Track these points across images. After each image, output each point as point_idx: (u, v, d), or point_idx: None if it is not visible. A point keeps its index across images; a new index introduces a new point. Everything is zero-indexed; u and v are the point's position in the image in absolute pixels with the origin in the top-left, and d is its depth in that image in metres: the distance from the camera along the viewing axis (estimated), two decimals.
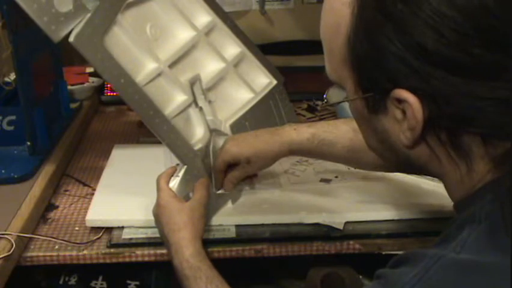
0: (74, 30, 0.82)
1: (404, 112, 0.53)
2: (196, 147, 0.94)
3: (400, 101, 0.52)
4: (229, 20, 1.06)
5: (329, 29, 0.57)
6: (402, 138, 0.55)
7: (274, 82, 1.12)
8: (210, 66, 1.02)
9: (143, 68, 0.92)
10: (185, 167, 0.91)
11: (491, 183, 0.53)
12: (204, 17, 1.02)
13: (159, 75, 0.93)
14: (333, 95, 0.63)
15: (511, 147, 0.51)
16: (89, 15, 0.83)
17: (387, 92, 0.53)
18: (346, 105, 1.45)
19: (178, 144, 0.91)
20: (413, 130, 0.53)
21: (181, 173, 0.90)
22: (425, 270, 0.49)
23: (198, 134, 0.96)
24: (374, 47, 0.52)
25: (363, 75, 0.55)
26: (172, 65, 0.95)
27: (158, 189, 0.88)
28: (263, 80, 1.11)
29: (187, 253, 0.81)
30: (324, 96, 0.66)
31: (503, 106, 0.50)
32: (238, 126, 1.03)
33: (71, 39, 0.81)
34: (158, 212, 0.86)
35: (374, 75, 0.53)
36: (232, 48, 1.06)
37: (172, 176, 0.90)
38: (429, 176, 0.61)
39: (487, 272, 0.48)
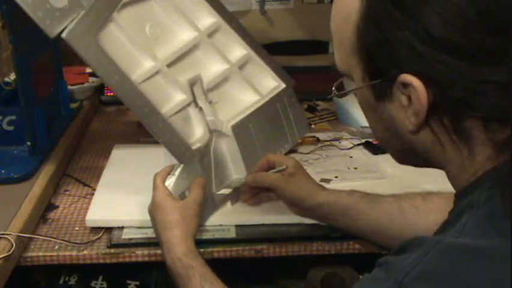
0: (67, 26, 0.83)
1: (409, 98, 0.55)
2: (194, 147, 0.94)
3: (406, 86, 0.54)
4: (235, 22, 1.06)
5: (339, 20, 0.60)
6: (407, 124, 0.56)
7: (283, 85, 1.11)
8: (212, 67, 1.02)
9: (140, 66, 0.92)
10: (181, 165, 0.91)
11: (491, 171, 0.54)
12: (208, 19, 1.02)
13: (157, 73, 0.93)
14: (341, 86, 0.65)
15: (511, 131, 0.52)
16: (83, 12, 0.84)
17: (393, 78, 0.55)
18: (346, 106, 1.45)
19: (174, 143, 0.91)
20: (417, 115, 0.55)
21: (177, 172, 0.90)
22: (424, 254, 0.50)
23: (196, 133, 0.96)
24: (382, 34, 0.54)
25: (370, 63, 0.57)
26: (171, 64, 0.95)
27: (154, 188, 0.88)
28: (270, 83, 1.10)
29: (179, 251, 0.81)
30: (333, 88, 0.67)
31: (504, 90, 0.51)
32: (241, 128, 1.02)
33: (63, 35, 0.82)
34: (152, 209, 0.86)
35: (381, 62, 0.55)
36: (238, 50, 1.06)
37: (169, 174, 0.90)
38: (433, 167, 0.61)
39: (486, 255, 0.49)
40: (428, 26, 0.51)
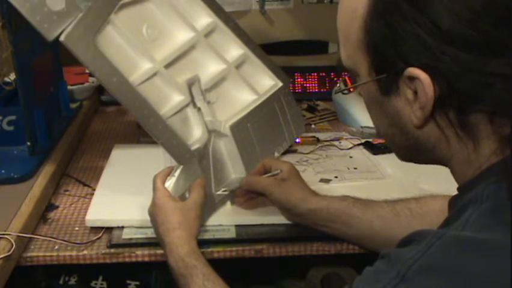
0: (65, 29, 0.83)
1: (415, 92, 0.55)
2: (193, 148, 0.94)
3: (412, 79, 0.54)
4: (232, 21, 1.06)
5: (345, 15, 0.60)
6: (412, 118, 0.57)
7: (280, 84, 1.11)
8: (210, 68, 1.02)
9: (138, 67, 0.92)
10: (181, 166, 0.91)
11: (496, 165, 0.54)
12: (204, 19, 1.02)
13: (155, 75, 0.93)
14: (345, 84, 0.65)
15: None
16: (80, 15, 0.84)
17: (400, 72, 0.55)
18: (346, 106, 1.45)
19: (173, 144, 0.91)
20: (423, 109, 0.55)
21: (176, 173, 0.90)
22: (428, 247, 0.50)
23: (195, 134, 0.96)
24: (389, 27, 0.54)
25: (377, 57, 0.57)
26: (169, 65, 0.96)
27: (154, 189, 0.88)
28: (267, 82, 1.10)
29: (183, 252, 0.81)
30: (337, 85, 0.67)
31: (510, 83, 0.51)
32: (239, 128, 1.02)
33: (61, 38, 0.83)
34: (153, 211, 0.86)
35: (388, 56, 0.55)
36: (234, 49, 1.06)
37: (168, 175, 0.90)
38: (436, 163, 0.61)
39: (489, 249, 0.49)
40: (436, 18, 0.52)
